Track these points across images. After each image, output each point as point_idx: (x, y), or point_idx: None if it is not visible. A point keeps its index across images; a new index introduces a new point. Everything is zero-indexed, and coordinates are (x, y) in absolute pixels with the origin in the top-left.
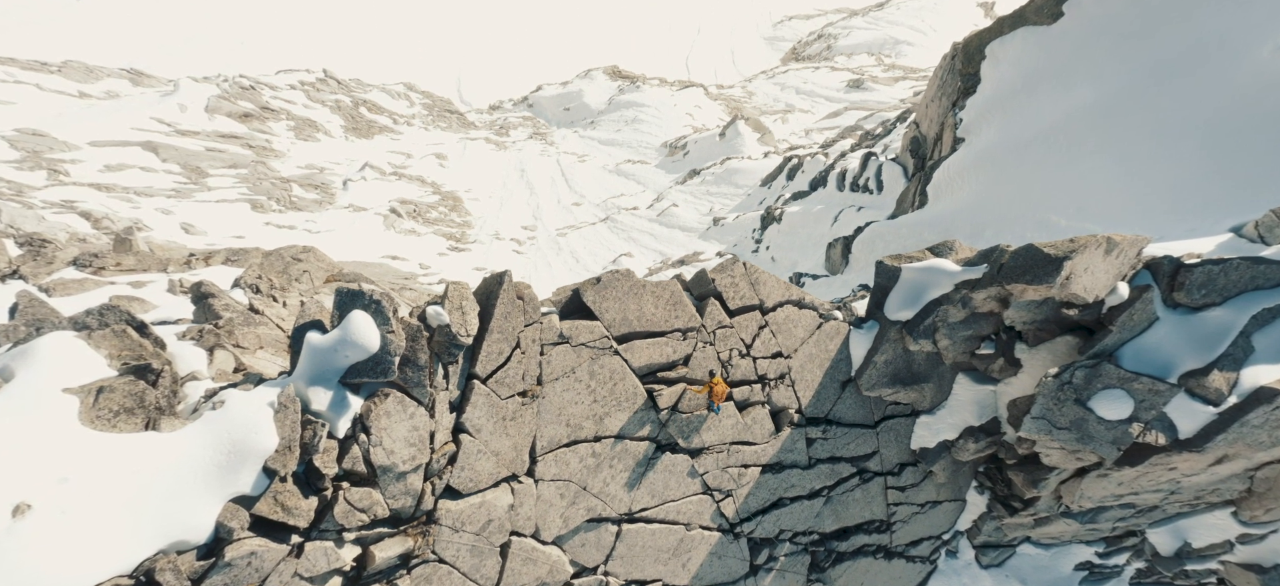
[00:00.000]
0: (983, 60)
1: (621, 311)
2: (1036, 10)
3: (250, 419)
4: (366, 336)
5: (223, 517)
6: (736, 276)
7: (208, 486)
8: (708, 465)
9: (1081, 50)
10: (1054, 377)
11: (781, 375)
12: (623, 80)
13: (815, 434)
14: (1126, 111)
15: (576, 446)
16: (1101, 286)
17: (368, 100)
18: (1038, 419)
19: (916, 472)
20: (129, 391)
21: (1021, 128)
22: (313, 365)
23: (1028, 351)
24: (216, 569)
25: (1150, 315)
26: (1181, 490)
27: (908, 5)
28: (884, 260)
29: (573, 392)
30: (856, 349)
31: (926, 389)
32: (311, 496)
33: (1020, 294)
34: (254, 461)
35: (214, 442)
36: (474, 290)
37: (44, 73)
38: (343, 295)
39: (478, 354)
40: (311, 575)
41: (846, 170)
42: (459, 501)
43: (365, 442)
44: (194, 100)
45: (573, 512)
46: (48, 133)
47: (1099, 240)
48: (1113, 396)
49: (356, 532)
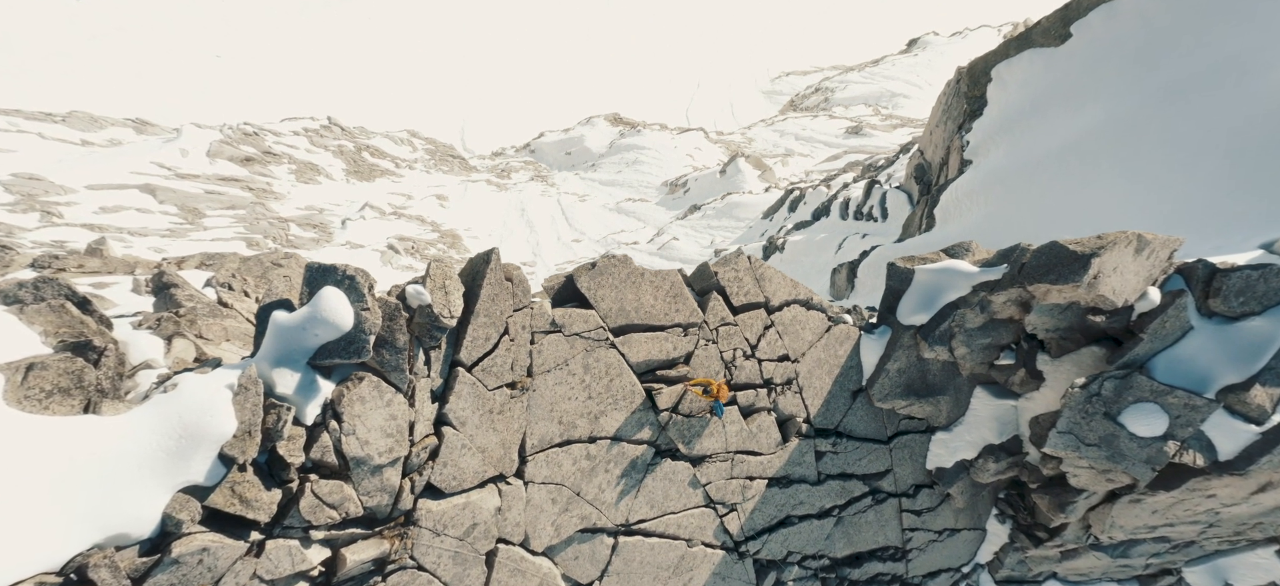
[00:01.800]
0: (989, 83)
1: (618, 300)
2: (1043, 32)
3: (205, 401)
4: (338, 314)
5: (171, 509)
6: (741, 270)
7: (154, 475)
8: (711, 475)
9: (1091, 71)
10: (1081, 389)
11: (788, 380)
12: (623, 126)
13: (825, 446)
14: (1142, 130)
15: (570, 447)
16: (1131, 289)
17: (371, 145)
18: (1064, 434)
19: (933, 495)
20: (65, 370)
21: (1031, 148)
22: (278, 345)
23: (1051, 363)
24: (162, 566)
25: (1184, 323)
26: (1221, 522)
27: (902, 61)
28: (896, 262)
29: (566, 387)
30: (867, 356)
31: (942, 403)
32: (274, 489)
33: (1043, 296)
34: (208, 447)
35: (162, 427)
36: (459, 271)
37: (47, 123)
38: (313, 270)
39: (462, 339)
40: (273, 577)
41: (850, 199)
42: (441, 501)
43: (336, 431)
44: (196, 145)
45: (565, 521)
46: (44, 177)
47: (1129, 236)
48: (1145, 411)
49: (326, 532)
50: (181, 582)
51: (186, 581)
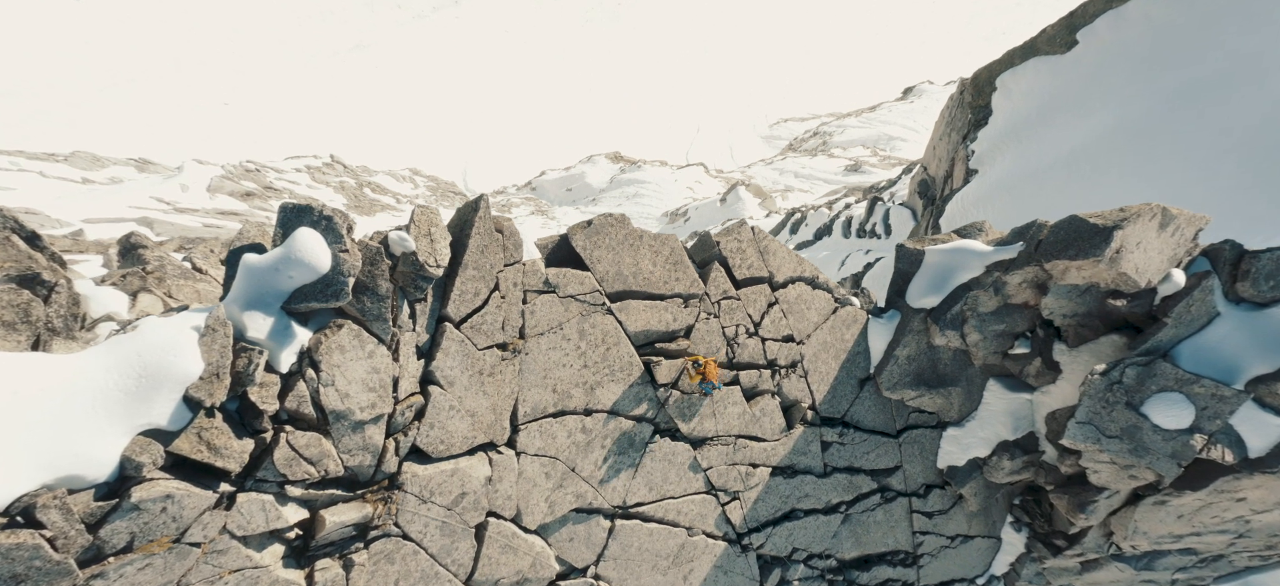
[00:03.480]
0: (993, 91)
1: (615, 264)
2: (1048, 40)
3: (167, 340)
4: (315, 255)
5: (130, 452)
6: (743, 241)
7: (110, 416)
8: (712, 458)
9: (1098, 77)
10: (1101, 376)
11: (793, 363)
12: (624, 163)
13: (831, 436)
14: (1153, 134)
15: (564, 418)
16: (1155, 268)
17: (373, 182)
18: (1084, 424)
19: (944, 497)
20: (10, 302)
21: (1039, 155)
22: (250, 287)
23: (1068, 353)
24: (120, 511)
25: (1210, 308)
26: (1251, 532)
27: (898, 107)
28: (905, 243)
29: (560, 352)
30: (876, 342)
31: (954, 395)
32: (246, 438)
33: (1062, 275)
34: (172, 388)
35: (120, 366)
36: (447, 223)
37: (50, 162)
38: (288, 212)
39: (449, 292)
40: (245, 533)
41: (852, 218)
42: (428, 466)
43: (314, 380)
44: (197, 181)
45: (559, 497)
46: (41, 211)
47: (1153, 209)
48: (1170, 401)
49: (303, 489)
50: (143, 530)
51: (148, 529)
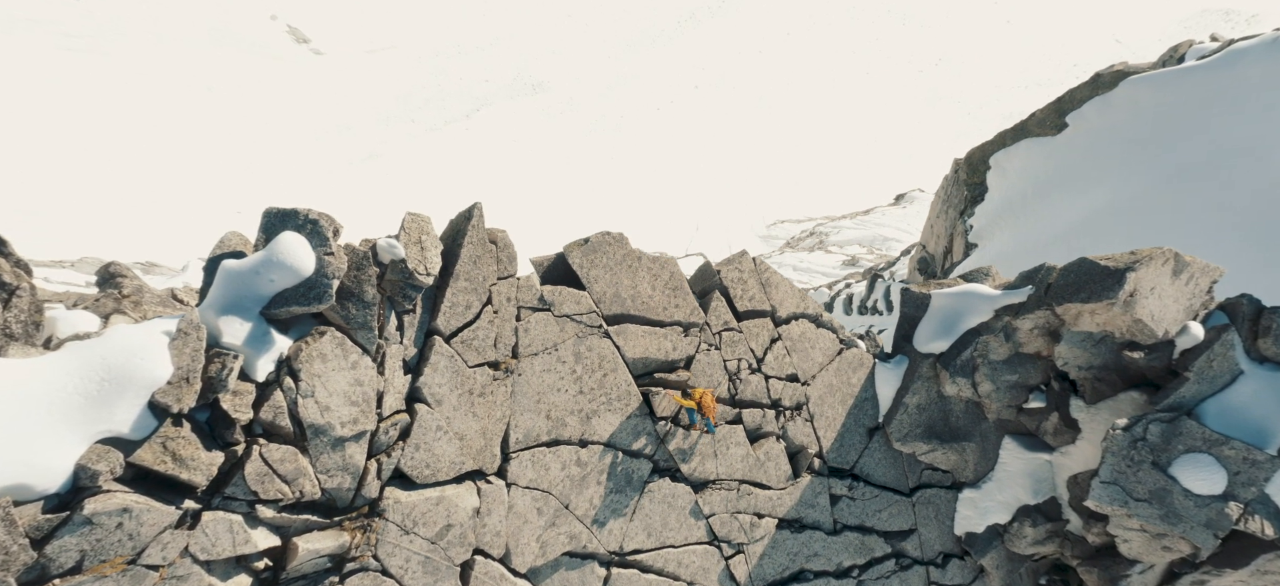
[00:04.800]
0: (988, 170)
1: (613, 285)
2: (1038, 123)
3: (134, 344)
4: (298, 257)
5: (86, 460)
6: (744, 271)
7: (68, 421)
8: (714, 505)
9: (1093, 157)
10: (1124, 431)
11: (798, 405)
12: None
13: (840, 489)
14: (1152, 211)
15: (558, 449)
16: (1171, 318)
17: None
18: (1109, 484)
19: (965, 568)
20: None
21: (1038, 230)
22: (228, 292)
23: (1086, 410)
24: (70, 525)
25: (1232, 365)
26: None
27: (891, 211)
28: (911, 287)
29: (555, 375)
30: (883, 388)
31: (968, 451)
32: (216, 450)
33: (1074, 320)
34: (136, 393)
35: (81, 369)
36: (439, 234)
37: (56, 268)
38: (271, 216)
39: (440, 304)
40: (209, 557)
41: (853, 295)
42: (411, 493)
43: (292, 390)
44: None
45: (552, 538)
46: None
47: (1165, 254)
48: (1200, 463)
49: (275, 511)
50: (94, 548)
51: (101, 548)
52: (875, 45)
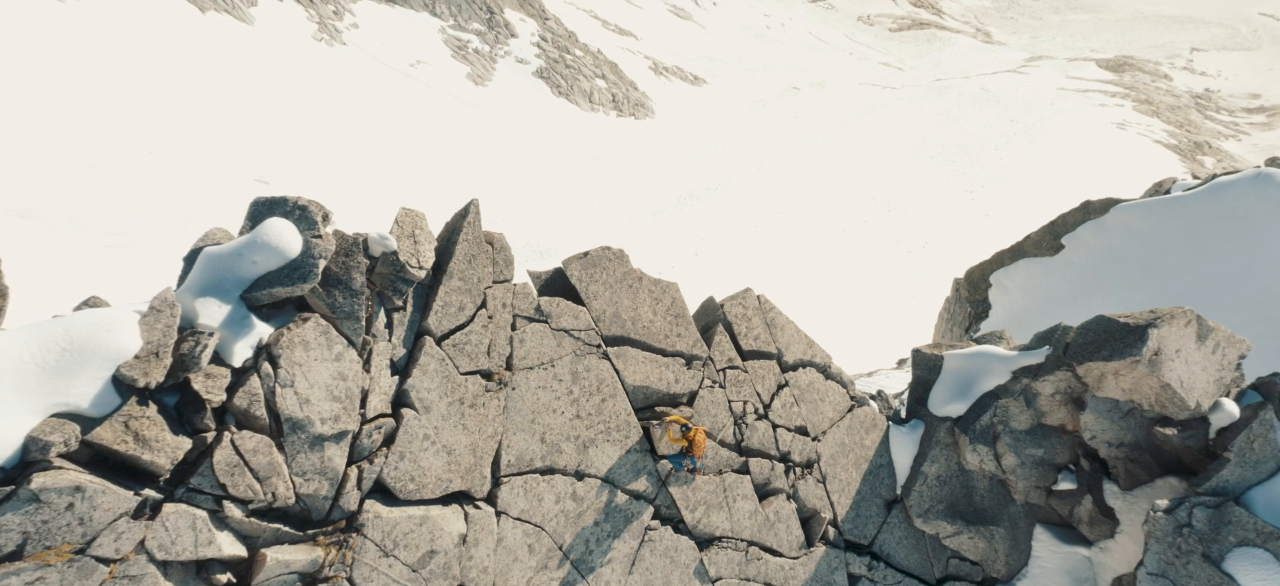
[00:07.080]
0: (989, 288)
1: (613, 303)
2: (1035, 244)
3: (102, 317)
4: (284, 239)
5: (38, 432)
6: (749, 308)
7: (20, 391)
8: (721, 567)
9: (1093, 276)
10: (1166, 514)
11: (809, 462)
12: None
13: (859, 568)
14: None
15: (553, 478)
16: (1201, 388)
17: None
18: (1157, 577)
19: None
20: None
21: None
22: (208, 274)
23: (1122, 497)
24: (14, 502)
25: (1275, 448)
26: None
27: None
28: (921, 349)
29: (550, 393)
30: (899, 455)
31: (997, 538)
32: (183, 435)
33: (1098, 383)
34: (99, 365)
35: (40, 339)
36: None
37: None
38: (259, 204)
39: (432, 302)
40: (166, 555)
41: None
42: (394, 509)
43: (270, 377)
44: None
45: (543, 581)
46: None
47: (1186, 314)
48: (1255, 558)
49: (244, 513)
50: (40, 531)
51: (47, 531)
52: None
